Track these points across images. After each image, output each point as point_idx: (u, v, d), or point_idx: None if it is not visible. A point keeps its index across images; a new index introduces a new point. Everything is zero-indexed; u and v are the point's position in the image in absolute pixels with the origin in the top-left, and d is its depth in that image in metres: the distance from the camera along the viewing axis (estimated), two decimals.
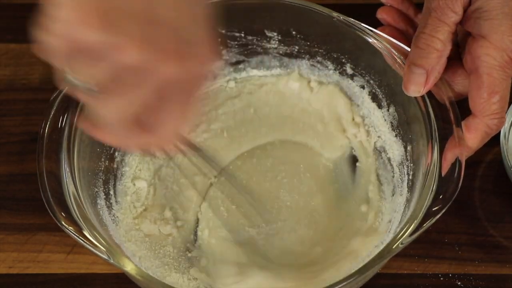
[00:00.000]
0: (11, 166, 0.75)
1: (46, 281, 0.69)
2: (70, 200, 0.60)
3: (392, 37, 0.67)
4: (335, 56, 0.74)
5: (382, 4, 0.73)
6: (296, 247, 0.70)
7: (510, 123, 0.72)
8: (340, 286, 0.57)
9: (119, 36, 0.42)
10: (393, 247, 0.58)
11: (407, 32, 0.72)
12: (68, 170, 0.62)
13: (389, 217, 0.67)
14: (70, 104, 0.64)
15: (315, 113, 0.76)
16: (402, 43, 0.67)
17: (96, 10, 0.42)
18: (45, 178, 0.61)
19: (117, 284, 0.69)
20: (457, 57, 0.66)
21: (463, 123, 0.63)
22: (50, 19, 0.42)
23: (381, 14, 0.73)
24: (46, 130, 0.63)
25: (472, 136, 0.63)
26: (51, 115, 0.64)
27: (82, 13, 0.42)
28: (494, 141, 0.65)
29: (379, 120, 0.73)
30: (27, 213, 0.72)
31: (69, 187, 0.61)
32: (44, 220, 0.71)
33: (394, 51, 0.66)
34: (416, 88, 0.62)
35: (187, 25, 0.45)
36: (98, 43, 0.42)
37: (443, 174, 0.60)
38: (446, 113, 0.63)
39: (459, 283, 0.69)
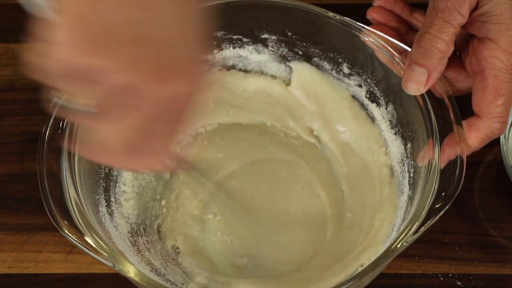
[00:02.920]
0: (11, 166, 0.75)
1: (46, 281, 0.69)
2: (72, 207, 0.60)
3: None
4: (331, 56, 0.73)
5: None
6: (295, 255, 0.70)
7: (510, 123, 0.72)
8: (346, 286, 0.57)
9: (105, 59, 0.43)
10: (398, 245, 0.58)
11: (399, 30, 0.72)
12: (69, 176, 0.61)
13: None
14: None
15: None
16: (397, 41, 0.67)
17: (86, 35, 0.42)
18: (46, 184, 0.61)
19: (116, 284, 0.69)
20: (454, 56, 0.66)
21: (465, 122, 0.63)
22: (44, 41, 0.43)
23: (371, 15, 0.73)
24: (47, 135, 0.63)
25: (473, 136, 0.63)
26: (51, 120, 0.63)
27: (73, 38, 0.42)
28: (494, 141, 0.65)
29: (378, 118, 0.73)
30: (27, 213, 0.72)
31: (71, 194, 0.60)
32: (44, 220, 0.71)
33: (391, 49, 0.67)
34: (416, 86, 0.63)
35: (177, 44, 0.45)
36: (87, 67, 0.43)
37: (441, 167, 0.60)
38: (446, 110, 0.63)
39: (459, 283, 0.69)
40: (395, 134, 0.71)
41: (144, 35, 0.44)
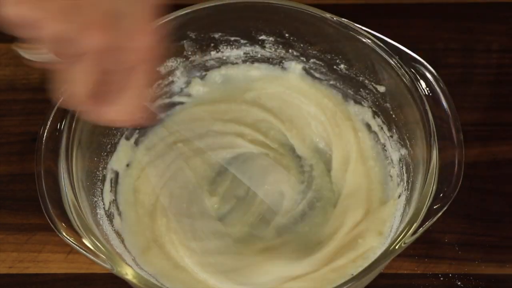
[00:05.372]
0: (11, 166, 0.75)
1: (46, 281, 0.69)
2: (70, 209, 0.60)
3: None
4: (328, 57, 0.73)
5: (382, 5, 0.73)
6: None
7: None
8: (346, 287, 0.57)
9: (38, 10, 0.46)
10: (397, 247, 0.58)
11: None
12: (67, 178, 0.61)
13: None
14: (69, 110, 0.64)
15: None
16: None
17: None
18: (44, 186, 0.61)
19: (116, 284, 0.69)
20: None
21: None
22: None
23: None
24: (44, 136, 0.63)
25: None
26: (49, 121, 0.63)
27: None
28: (494, 141, 0.65)
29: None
30: (27, 213, 0.72)
31: (69, 196, 0.60)
32: (44, 220, 0.70)
33: (388, 51, 0.66)
34: None
35: (117, 1, 0.47)
36: (27, 19, 0.46)
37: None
38: (444, 111, 0.63)
39: (459, 283, 0.69)
40: (392, 136, 0.71)
41: None
